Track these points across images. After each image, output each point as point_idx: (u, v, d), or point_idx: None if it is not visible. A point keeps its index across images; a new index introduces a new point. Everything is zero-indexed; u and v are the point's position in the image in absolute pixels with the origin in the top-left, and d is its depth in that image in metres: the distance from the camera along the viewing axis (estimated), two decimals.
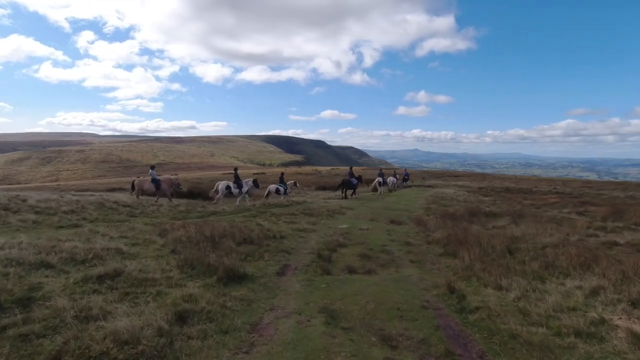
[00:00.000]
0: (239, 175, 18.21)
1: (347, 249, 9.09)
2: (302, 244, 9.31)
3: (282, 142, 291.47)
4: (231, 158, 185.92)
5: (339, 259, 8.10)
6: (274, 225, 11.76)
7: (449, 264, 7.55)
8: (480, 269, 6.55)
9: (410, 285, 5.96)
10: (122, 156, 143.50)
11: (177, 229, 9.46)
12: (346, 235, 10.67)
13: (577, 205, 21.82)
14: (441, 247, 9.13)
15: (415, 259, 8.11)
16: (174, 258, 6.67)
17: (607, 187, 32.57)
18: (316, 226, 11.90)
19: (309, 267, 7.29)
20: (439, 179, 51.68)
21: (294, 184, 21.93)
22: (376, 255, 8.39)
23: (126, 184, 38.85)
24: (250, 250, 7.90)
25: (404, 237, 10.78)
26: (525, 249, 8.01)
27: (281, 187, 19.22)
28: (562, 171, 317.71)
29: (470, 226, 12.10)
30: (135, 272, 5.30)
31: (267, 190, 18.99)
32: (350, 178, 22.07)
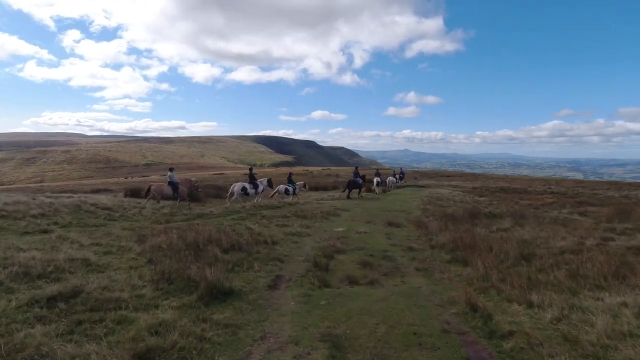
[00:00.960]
0: (254, 175, 17.94)
1: (345, 255, 8.29)
2: (295, 250, 8.48)
3: (273, 142, 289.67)
4: (221, 158, 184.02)
5: (338, 268, 7.30)
6: (264, 229, 10.90)
7: (460, 272, 6.80)
8: (498, 279, 5.81)
9: (422, 301, 5.18)
10: (110, 156, 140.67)
11: (157, 235, 8.55)
12: (343, 239, 9.87)
13: (574, 205, 21.40)
14: (447, 252, 8.38)
15: (421, 267, 7.35)
16: (149, 270, 5.79)
17: (601, 186, 32.42)
18: (310, 230, 11.08)
19: (304, 277, 6.48)
20: (431, 179, 51.26)
21: (304, 185, 21.36)
22: (378, 263, 7.60)
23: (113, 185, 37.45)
24: (239, 259, 7.05)
25: (405, 241, 10.02)
26: (541, 255, 7.32)
27: (290, 188, 18.65)
28: (549, 171, 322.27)
29: (474, 229, 11.40)
30: (97, 291, 4.41)
31: (275, 190, 18.37)
32: (355, 178, 22.19)
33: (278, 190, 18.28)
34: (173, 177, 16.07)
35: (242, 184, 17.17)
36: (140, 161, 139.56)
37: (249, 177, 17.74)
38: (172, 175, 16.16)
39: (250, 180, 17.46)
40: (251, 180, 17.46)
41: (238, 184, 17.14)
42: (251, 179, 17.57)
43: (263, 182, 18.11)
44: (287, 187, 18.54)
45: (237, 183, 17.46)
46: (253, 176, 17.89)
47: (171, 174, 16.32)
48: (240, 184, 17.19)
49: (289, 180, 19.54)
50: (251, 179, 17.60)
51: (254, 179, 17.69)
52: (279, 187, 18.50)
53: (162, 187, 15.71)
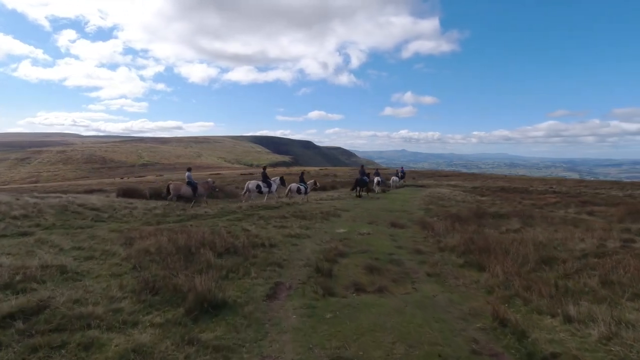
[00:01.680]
0: (267, 174, 18.15)
1: (349, 259, 7.69)
2: (295, 254, 7.87)
3: (270, 142, 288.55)
4: (218, 159, 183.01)
5: (342, 273, 6.70)
6: (262, 230, 10.28)
7: (477, 278, 6.21)
8: (522, 286, 5.23)
9: (441, 313, 4.58)
10: (106, 157, 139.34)
11: (146, 237, 7.90)
12: (345, 241, 9.26)
13: (579, 205, 20.89)
14: (459, 255, 7.79)
15: (432, 272, 6.75)
16: (133, 278, 5.15)
17: (603, 186, 31.99)
18: (310, 231, 10.47)
19: (306, 285, 5.87)
20: (429, 178, 50.74)
21: (314, 183, 21.30)
22: (385, 267, 7.00)
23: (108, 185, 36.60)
24: (234, 264, 6.42)
25: (410, 243, 9.43)
26: (563, 258, 6.73)
27: (302, 187, 18.69)
28: (545, 171, 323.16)
29: (483, 230, 10.83)
30: (66, 305, 3.79)
31: (287, 189, 18.49)
32: (362, 177, 22.56)
33: (290, 188, 18.36)
34: (191, 177, 15.94)
35: (256, 181, 17.37)
36: (136, 161, 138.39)
37: (262, 175, 17.99)
38: (190, 176, 16.04)
39: (263, 179, 17.67)
40: (264, 179, 17.66)
41: (252, 182, 17.34)
42: (264, 178, 17.74)
43: (276, 181, 18.30)
44: (299, 186, 18.59)
45: (251, 181, 17.71)
46: (266, 175, 18.03)
47: (189, 174, 16.17)
48: (254, 181, 17.39)
49: (301, 179, 19.68)
50: (264, 177, 17.77)
51: (267, 178, 17.85)
52: (291, 185, 18.60)
53: (180, 186, 15.53)
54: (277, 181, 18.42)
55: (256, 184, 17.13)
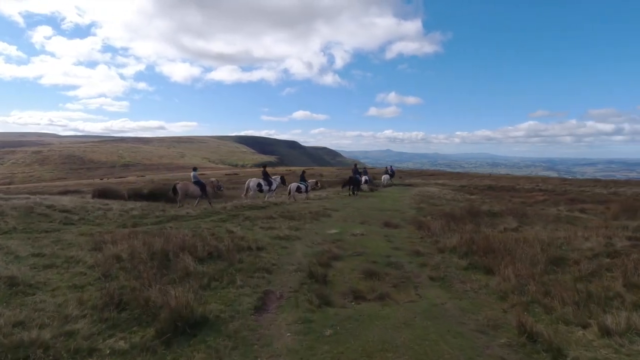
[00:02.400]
0: (268, 172, 18.29)
1: (344, 262, 7.07)
2: (285, 257, 7.20)
3: (255, 142, 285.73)
4: (202, 159, 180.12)
5: (337, 278, 6.08)
6: (248, 232, 9.57)
7: (485, 282, 5.67)
8: (539, 292, 4.71)
9: (455, 325, 4.00)
10: (85, 157, 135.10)
11: (119, 241, 7.11)
12: (338, 243, 8.65)
13: (567, 202, 20.87)
14: (461, 257, 7.26)
15: (435, 275, 6.19)
16: (97, 290, 4.40)
17: (587, 184, 32.34)
18: (300, 232, 9.81)
19: (298, 293, 5.23)
20: (416, 178, 50.67)
21: (316, 183, 21.36)
22: (384, 271, 6.41)
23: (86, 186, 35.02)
24: (217, 271, 5.72)
25: (407, 244, 8.88)
26: (573, 259, 6.27)
27: (302, 185, 18.68)
28: (526, 170, 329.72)
29: (480, 229, 10.38)
30: (3, 331, 3.02)
31: (288, 188, 18.46)
32: (355, 175, 22.92)
33: (290, 187, 18.32)
34: (197, 177, 15.89)
35: (257, 180, 17.32)
36: (117, 162, 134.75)
37: (263, 174, 18.06)
38: (196, 175, 16.01)
39: (264, 177, 17.71)
40: (265, 177, 17.70)
41: (253, 180, 17.33)
42: (265, 176, 17.80)
43: (276, 180, 18.36)
44: (300, 185, 18.54)
45: (252, 179, 17.67)
46: (267, 173, 18.13)
47: (195, 174, 16.14)
48: (255, 180, 17.34)
49: (302, 178, 19.61)
50: (265, 176, 17.84)
51: (268, 176, 17.92)
52: (292, 184, 18.53)
53: (187, 185, 15.37)
54: (277, 180, 18.40)
55: (257, 183, 17.07)
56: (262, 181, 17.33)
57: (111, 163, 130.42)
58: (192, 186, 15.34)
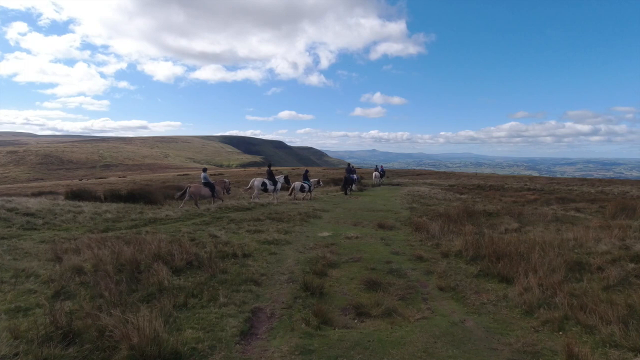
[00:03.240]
0: (272, 172, 18.24)
1: (340, 269, 6.35)
2: (275, 266, 6.43)
3: (241, 142, 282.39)
4: (187, 159, 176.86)
5: (335, 289, 5.36)
6: (233, 236, 8.76)
7: (503, 292, 5.02)
8: (571, 305, 4.06)
9: (486, 352, 3.32)
10: (64, 157, 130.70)
11: (84, 250, 6.21)
12: (332, 247, 7.92)
13: (558, 201, 20.64)
14: (469, 262, 6.63)
15: (444, 285, 5.52)
16: (45, 315, 3.55)
17: (574, 183, 32.49)
18: (290, 236, 9.04)
19: (292, 310, 4.49)
20: (403, 177, 50.37)
21: (318, 182, 21.25)
22: (386, 280, 5.71)
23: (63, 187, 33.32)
24: (196, 285, 4.91)
25: (407, 247, 8.21)
26: (595, 265, 5.68)
27: (306, 185, 18.55)
28: (508, 170, 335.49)
29: (480, 230, 9.81)
30: None
31: (291, 187, 18.40)
32: (350, 175, 23.27)
33: (294, 186, 18.31)
34: (208, 178, 15.79)
35: (261, 179, 17.31)
36: (98, 162, 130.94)
37: (267, 173, 18.07)
38: (207, 176, 15.89)
39: (268, 177, 17.68)
40: (270, 177, 17.67)
41: (258, 179, 17.30)
42: (270, 175, 17.77)
43: (280, 179, 18.32)
44: (303, 184, 18.50)
45: (256, 178, 17.68)
46: (271, 172, 18.10)
47: (205, 175, 15.98)
48: (260, 179, 17.33)
49: (305, 178, 19.52)
50: (269, 175, 17.82)
51: (273, 176, 17.88)
52: (295, 183, 18.54)
53: (199, 188, 15.10)
54: (280, 179, 18.35)
55: (261, 182, 17.04)
56: (267, 180, 17.26)
57: (91, 163, 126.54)
58: (204, 189, 15.15)
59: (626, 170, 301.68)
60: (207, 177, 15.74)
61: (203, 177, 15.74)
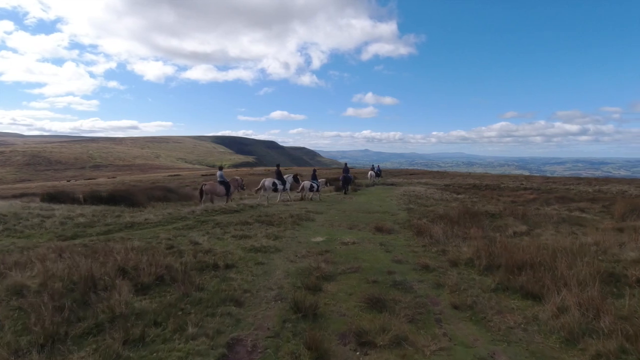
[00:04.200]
0: (281, 172, 18.52)
1: (336, 282, 5.50)
2: (261, 279, 5.56)
3: (233, 142, 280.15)
4: (178, 160, 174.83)
5: (332, 309, 4.52)
6: (217, 242, 7.87)
7: (531, 313, 4.23)
8: (629, 334, 3.27)
9: None
10: (52, 158, 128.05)
11: (37, 263, 5.27)
12: (327, 255, 7.07)
13: (558, 201, 20.04)
14: (482, 273, 5.83)
15: (459, 302, 4.70)
16: None
17: (571, 182, 32.09)
18: (280, 241, 8.18)
19: (279, 339, 3.65)
20: (397, 177, 49.77)
21: (325, 183, 21.50)
22: (391, 296, 4.88)
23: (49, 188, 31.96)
24: (162, 307, 4.03)
25: (409, 254, 7.40)
26: (633, 277, 4.91)
27: (314, 184, 18.69)
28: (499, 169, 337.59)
29: (485, 233, 9.05)
30: None
31: (300, 186, 18.62)
32: (347, 174, 23.61)
33: (303, 186, 18.46)
34: (223, 176, 16.00)
35: (272, 179, 17.50)
36: (87, 163, 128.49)
37: (276, 173, 18.32)
38: (222, 174, 16.07)
39: (277, 177, 17.94)
40: (279, 176, 17.95)
41: (268, 179, 17.48)
42: (279, 175, 18.06)
43: (289, 179, 18.57)
44: (312, 184, 18.61)
45: (267, 178, 17.83)
46: (280, 172, 18.37)
47: (221, 173, 16.18)
48: (270, 179, 17.51)
49: (313, 177, 19.67)
50: (279, 175, 18.09)
51: (281, 176, 18.15)
52: (304, 183, 18.67)
53: (215, 186, 15.40)
54: (289, 179, 18.58)
55: (272, 182, 17.22)
56: (277, 180, 17.46)
57: (81, 164, 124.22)
58: (219, 187, 15.38)
59: (614, 169, 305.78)
60: (222, 176, 15.88)
61: (219, 176, 15.87)
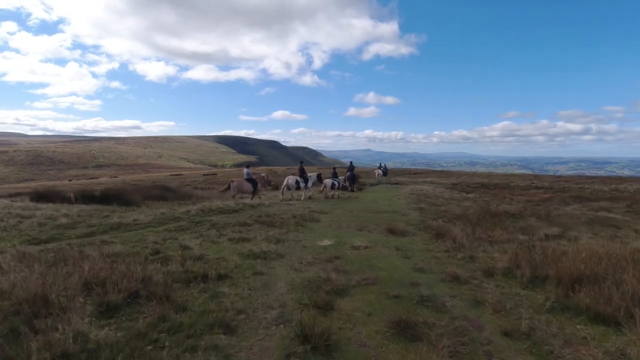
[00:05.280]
0: (304, 169, 18.74)
1: (351, 299, 4.53)
2: (260, 293, 4.59)
3: (235, 142, 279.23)
4: (180, 159, 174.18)
5: (347, 336, 3.55)
6: (211, 247, 6.91)
7: (614, 346, 3.24)
8: None
9: None
10: (55, 157, 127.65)
11: None
12: (337, 262, 6.09)
13: (576, 200, 19.01)
14: (525, 285, 4.84)
15: (510, 327, 3.71)
16: None
17: (583, 181, 30.97)
18: (282, 245, 7.20)
19: None
20: (401, 176, 48.72)
21: (344, 180, 21.63)
22: (421, 318, 3.90)
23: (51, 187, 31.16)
24: (125, 341, 3.05)
25: (432, 261, 6.41)
26: None
27: (336, 182, 18.78)
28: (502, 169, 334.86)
29: (513, 236, 8.05)
30: None
31: (323, 185, 18.61)
32: (352, 172, 23.68)
33: (325, 184, 18.51)
34: (250, 174, 16.28)
35: (295, 177, 17.72)
36: (90, 162, 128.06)
37: (299, 171, 18.55)
38: (249, 172, 16.39)
39: (300, 174, 18.13)
40: (302, 174, 18.13)
41: (292, 177, 17.68)
42: (302, 173, 18.23)
43: (312, 177, 18.79)
44: (334, 182, 18.72)
45: (290, 176, 18.04)
46: (303, 170, 18.59)
47: (247, 171, 16.52)
48: (293, 177, 17.73)
49: (334, 175, 19.99)
50: (302, 173, 18.27)
51: (305, 173, 18.34)
52: (326, 181, 18.70)
53: (242, 183, 15.80)
54: (313, 177, 18.74)
55: (295, 180, 17.41)
56: (300, 178, 17.62)
57: (83, 163, 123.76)
58: (246, 184, 15.76)
59: (617, 168, 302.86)
60: (249, 173, 16.24)
61: (246, 173, 16.23)
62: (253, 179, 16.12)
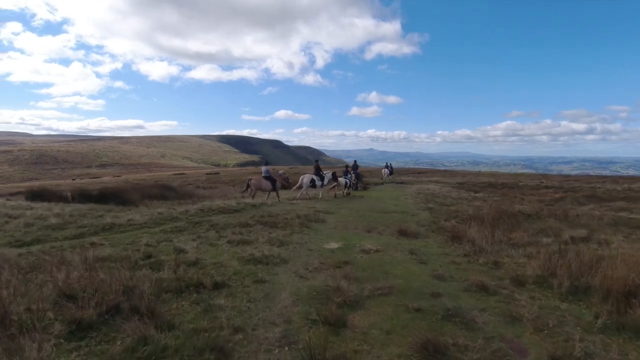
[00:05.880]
0: (320, 168, 18.77)
1: (365, 312, 3.93)
2: (261, 306, 4.00)
3: (238, 142, 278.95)
4: (183, 159, 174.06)
5: None
6: (208, 250, 6.34)
7: None
8: None
9: None
10: (59, 157, 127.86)
11: None
12: (347, 268, 5.50)
13: (589, 200, 18.30)
14: (565, 297, 4.23)
15: (560, 353, 3.09)
16: None
17: (594, 180, 30.19)
18: (286, 249, 6.61)
19: None
20: (405, 175, 48.02)
21: (356, 178, 22.04)
22: (450, 339, 3.30)
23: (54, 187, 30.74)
24: None
25: (451, 266, 5.80)
26: None
27: (348, 179, 19.15)
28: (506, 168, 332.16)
29: (525, 236, 7.41)
30: None
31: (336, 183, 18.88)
32: (356, 172, 23.66)
33: (339, 182, 18.72)
34: (269, 172, 16.25)
35: (310, 175, 17.68)
36: (93, 162, 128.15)
37: (315, 169, 18.59)
38: (268, 170, 16.36)
39: (316, 173, 18.12)
40: (317, 173, 18.12)
41: (307, 176, 17.68)
42: (317, 172, 18.21)
43: (328, 175, 18.70)
44: (347, 180, 19.10)
45: (305, 175, 18.04)
46: (319, 168, 18.60)
47: (266, 168, 16.51)
48: (309, 175, 17.73)
49: (346, 173, 20.30)
50: (317, 171, 18.27)
51: (320, 171, 18.34)
52: (340, 179, 18.91)
53: (260, 181, 15.73)
54: (328, 176, 18.67)
55: (310, 178, 17.43)
56: (315, 177, 17.58)
57: (87, 163, 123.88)
58: (264, 182, 15.68)
59: (622, 168, 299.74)
60: (268, 171, 16.20)
61: (264, 171, 16.17)
62: (271, 176, 16.01)
